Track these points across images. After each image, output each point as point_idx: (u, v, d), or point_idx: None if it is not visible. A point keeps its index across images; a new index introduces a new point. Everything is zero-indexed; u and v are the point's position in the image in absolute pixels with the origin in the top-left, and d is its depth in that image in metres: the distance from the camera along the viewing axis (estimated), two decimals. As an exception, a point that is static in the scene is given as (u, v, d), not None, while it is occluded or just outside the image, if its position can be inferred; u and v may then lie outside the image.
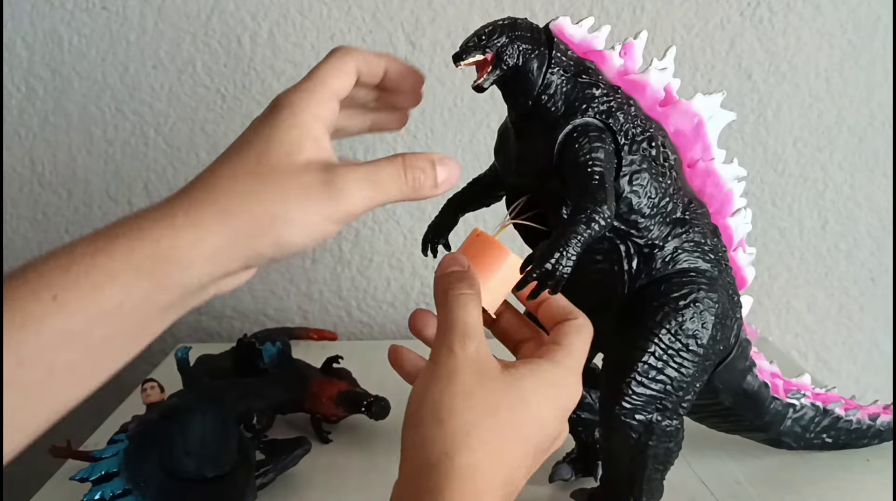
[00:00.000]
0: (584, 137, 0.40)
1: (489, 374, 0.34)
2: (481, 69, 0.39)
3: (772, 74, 0.82)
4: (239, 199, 0.34)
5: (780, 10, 0.80)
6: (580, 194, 0.39)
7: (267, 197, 0.34)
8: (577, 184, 0.39)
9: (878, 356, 0.92)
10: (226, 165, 0.35)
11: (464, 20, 0.81)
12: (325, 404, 0.61)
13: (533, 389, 0.35)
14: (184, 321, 0.99)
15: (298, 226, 0.34)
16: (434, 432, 0.34)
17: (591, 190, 0.39)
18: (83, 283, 0.31)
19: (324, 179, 0.34)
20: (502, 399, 0.34)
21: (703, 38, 0.81)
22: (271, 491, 0.54)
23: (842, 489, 0.55)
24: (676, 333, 0.43)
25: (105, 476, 0.50)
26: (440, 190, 0.37)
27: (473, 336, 0.35)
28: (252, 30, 0.82)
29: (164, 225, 0.33)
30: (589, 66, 0.42)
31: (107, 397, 0.80)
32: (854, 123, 0.84)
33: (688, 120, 0.43)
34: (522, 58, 0.40)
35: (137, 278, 0.32)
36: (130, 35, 0.82)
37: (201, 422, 0.52)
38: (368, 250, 0.89)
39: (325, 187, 0.34)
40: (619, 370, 0.43)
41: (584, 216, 0.38)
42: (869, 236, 0.88)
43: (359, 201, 0.35)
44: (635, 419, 0.43)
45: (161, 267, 0.32)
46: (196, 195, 0.34)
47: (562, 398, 0.35)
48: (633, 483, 0.45)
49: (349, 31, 0.82)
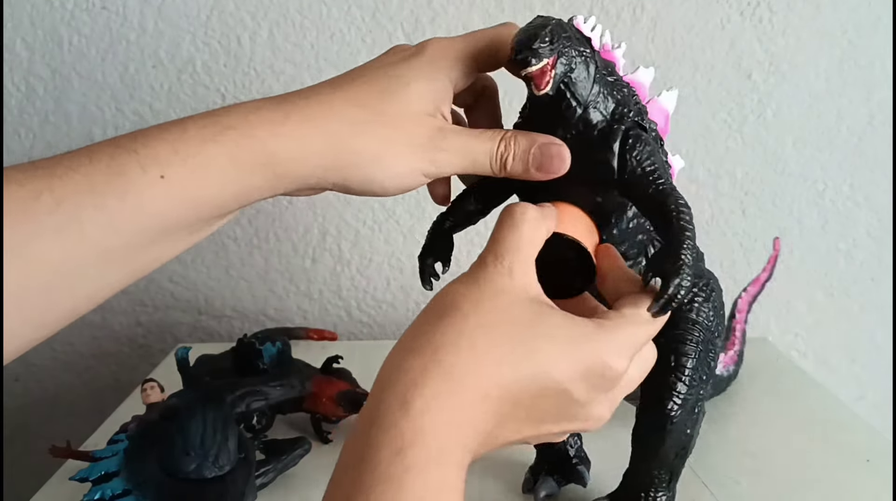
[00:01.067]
0: (639, 142, 0.38)
1: (512, 292, 0.32)
2: (542, 76, 0.35)
3: (772, 73, 0.82)
4: (349, 128, 0.34)
5: (780, 9, 0.80)
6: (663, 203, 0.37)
7: (375, 134, 0.35)
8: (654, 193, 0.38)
9: (878, 355, 0.92)
10: (345, 90, 0.36)
11: (464, 20, 0.81)
12: (325, 404, 0.61)
13: (555, 329, 0.31)
14: (183, 321, 1.00)
15: (390, 170, 0.35)
16: (431, 324, 0.31)
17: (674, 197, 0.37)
18: (190, 165, 0.32)
19: (430, 136, 0.36)
20: (514, 320, 0.31)
21: (702, 38, 0.81)
22: (271, 491, 0.54)
23: (842, 489, 0.55)
24: (707, 326, 0.44)
25: (105, 476, 0.50)
26: (534, 177, 0.37)
27: (511, 255, 0.33)
28: (252, 29, 0.82)
29: (272, 129, 0.33)
30: (609, 64, 0.41)
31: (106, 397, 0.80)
32: (854, 122, 0.84)
33: (662, 116, 0.44)
34: (577, 60, 0.37)
35: (238, 175, 0.33)
36: (130, 35, 0.82)
37: (201, 422, 0.52)
38: (368, 250, 0.89)
39: (429, 144, 0.36)
40: (664, 372, 0.43)
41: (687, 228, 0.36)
42: (869, 236, 0.88)
43: (451, 168, 0.37)
44: (684, 416, 0.44)
45: (261, 171, 0.33)
46: (308, 111, 0.34)
47: (588, 359, 0.31)
48: (671, 477, 0.46)
49: (349, 31, 0.82)
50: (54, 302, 0.32)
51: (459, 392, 0.29)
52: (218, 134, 0.33)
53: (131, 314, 0.91)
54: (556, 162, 0.37)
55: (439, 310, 0.32)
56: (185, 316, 0.92)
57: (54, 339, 0.32)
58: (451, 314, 0.31)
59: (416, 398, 0.28)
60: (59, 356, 0.92)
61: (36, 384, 0.94)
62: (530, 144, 0.37)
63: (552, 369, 0.31)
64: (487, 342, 0.30)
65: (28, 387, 0.94)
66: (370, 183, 0.35)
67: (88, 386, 0.93)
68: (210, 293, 0.91)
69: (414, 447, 0.27)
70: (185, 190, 0.32)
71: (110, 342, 0.92)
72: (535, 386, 0.31)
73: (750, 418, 0.66)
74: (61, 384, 0.93)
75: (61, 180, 0.31)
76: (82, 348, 0.92)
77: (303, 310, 0.91)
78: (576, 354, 0.31)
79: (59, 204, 0.30)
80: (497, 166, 0.37)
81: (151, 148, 0.32)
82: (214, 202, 0.33)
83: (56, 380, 0.93)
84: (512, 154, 0.37)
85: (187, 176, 0.32)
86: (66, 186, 0.30)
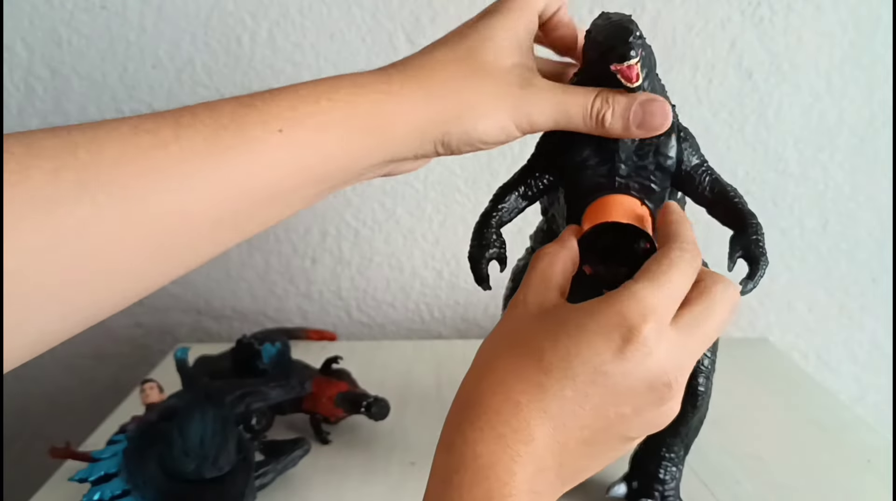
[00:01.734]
0: (688, 135, 0.41)
1: (530, 314, 0.33)
2: (633, 68, 0.37)
3: (772, 73, 0.82)
4: (443, 84, 0.36)
5: (781, 9, 0.80)
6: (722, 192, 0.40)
7: (468, 86, 0.36)
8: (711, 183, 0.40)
9: (879, 356, 0.92)
10: (438, 51, 0.38)
11: (464, 19, 0.81)
12: (324, 404, 0.61)
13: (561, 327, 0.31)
14: (183, 321, 1.00)
15: (488, 120, 0.36)
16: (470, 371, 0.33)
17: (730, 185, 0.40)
18: (308, 123, 0.32)
19: (521, 84, 0.37)
20: (531, 335, 0.32)
21: (703, 38, 0.81)
22: (271, 492, 0.54)
23: (842, 489, 0.55)
24: None
25: (104, 476, 0.50)
26: (633, 134, 0.38)
27: (532, 287, 0.34)
28: (251, 29, 0.82)
29: (380, 90, 0.35)
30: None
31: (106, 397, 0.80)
32: (855, 122, 0.84)
33: None
34: (650, 54, 0.39)
35: (350, 134, 0.34)
36: (130, 35, 0.82)
37: (200, 423, 0.52)
38: (368, 250, 0.89)
39: (521, 92, 0.37)
40: None
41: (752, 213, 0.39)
42: (870, 237, 0.87)
43: (543, 118, 0.37)
44: (709, 388, 0.46)
45: (371, 131, 0.34)
46: (409, 72, 0.36)
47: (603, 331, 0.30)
48: (686, 451, 0.49)
49: (349, 31, 0.81)
50: (167, 257, 0.31)
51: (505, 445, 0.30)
52: (331, 91, 0.33)
53: (131, 314, 0.91)
54: (658, 118, 0.37)
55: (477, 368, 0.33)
56: (185, 317, 0.92)
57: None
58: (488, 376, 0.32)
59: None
60: (58, 356, 0.92)
61: (35, 385, 0.93)
62: (631, 101, 0.38)
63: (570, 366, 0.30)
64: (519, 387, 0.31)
65: (27, 388, 0.93)
66: (470, 134, 0.36)
67: (88, 387, 0.93)
68: (209, 294, 0.91)
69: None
70: (303, 146, 0.32)
71: (110, 342, 0.92)
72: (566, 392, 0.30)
73: (750, 418, 0.66)
74: (60, 384, 0.93)
75: (187, 131, 0.30)
76: (82, 348, 0.92)
77: (302, 310, 0.91)
78: (588, 333, 0.30)
79: (186, 157, 0.29)
80: (592, 122, 0.38)
81: (270, 104, 0.32)
82: (329, 163, 0.34)
83: (55, 381, 0.93)
84: (611, 111, 0.37)
85: (305, 133, 0.32)
86: (192, 137, 0.30)
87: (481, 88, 0.36)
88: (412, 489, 0.55)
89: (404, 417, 0.65)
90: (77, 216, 0.27)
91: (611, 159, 0.39)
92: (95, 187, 0.27)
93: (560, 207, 0.42)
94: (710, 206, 0.41)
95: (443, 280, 0.89)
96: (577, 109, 0.37)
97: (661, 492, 0.49)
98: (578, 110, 0.37)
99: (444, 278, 0.89)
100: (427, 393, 0.71)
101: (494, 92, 0.36)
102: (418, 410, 0.67)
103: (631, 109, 0.37)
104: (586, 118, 0.37)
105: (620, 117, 0.37)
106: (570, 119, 0.38)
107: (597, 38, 0.38)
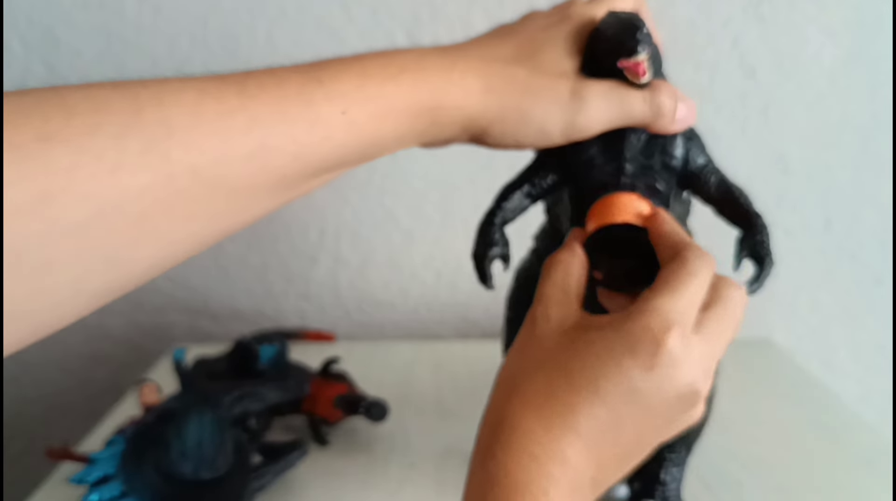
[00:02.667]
0: (694, 134, 0.41)
1: (553, 331, 0.33)
2: (640, 64, 0.37)
3: (775, 71, 0.82)
4: (500, 82, 0.36)
5: (784, 7, 0.80)
6: (728, 191, 0.40)
7: (521, 90, 0.36)
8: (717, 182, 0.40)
9: (883, 357, 0.91)
10: (503, 46, 0.38)
11: (463, 18, 0.81)
12: (323, 406, 0.61)
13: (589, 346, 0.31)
14: (180, 322, 1.00)
15: (536, 124, 0.36)
16: (497, 390, 0.33)
17: (735, 184, 0.40)
18: (369, 108, 0.33)
19: (572, 88, 0.37)
20: (557, 354, 0.32)
21: (705, 36, 0.81)
22: (269, 494, 0.53)
23: (843, 489, 0.55)
24: None
25: (102, 478, 0.50)
26: (676, 127, 0.38)
27: (553, 300, 0.34)
28: (250, 27, 0.81)
29: (442, 75, 0.35)
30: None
31: (103, 399, 0.80)
32: (859, 121, 0.83)
33: None
34: (656, 52, 0.40)
35: (408, 118, 0.34)
36: (128, 33, 0.82)
37: (198, 424, 0.52)
38: (367, 251, 0.88)
39: (572, 96, 0.37)
40: None
41: (758, 212, 0.40)
42: (873, 237, 0.87)
43: (598, 115, 0.37)
44: (717, 384, 0.47)
45: (427, 115, 0.35)
46: (472, 63, 0.36)
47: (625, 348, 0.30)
48: (688, 451, 0.50)
49: (348, 29, 0.81)
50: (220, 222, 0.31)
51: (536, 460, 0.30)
52: (397, 74, 0.34)
53: (128, 314, 0.91)
54: (693, 109, 0.39)
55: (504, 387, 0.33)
56: (182, 317, 0.91)
57: (50, 340, 0.31)
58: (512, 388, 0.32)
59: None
60: (55, 357, 0.92)
61: (33, 386, 0.93)
62: (673, 91, 0.38)
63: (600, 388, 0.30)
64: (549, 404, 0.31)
65: (24, 389, 0.93)
66: (512, 136, 0.37)
67: (85, 388, 0.93)
68: (207, 294, 0.90)
69: None
70: (365, 130, 0.33)
71: (107, 343, 0.91)
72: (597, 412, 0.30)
73: (752, 418, 0.65)
74: (57, 385, 0.93)
75: (253, 101, 0.30)
76: (79, 349, 0.92)
77: (301, 311, 0.91)
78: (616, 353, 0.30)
79: (252, 127, 0.30)
80: (650, 112, 0.38)
81: (336, 80, 0.32)
82: (383, 143, 0.34)
83: (52, 381, 0.93)
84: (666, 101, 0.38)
85: (368, 117, 0.33)
86: (258, 108, 0.30)
87: (532, 92, 0.36)
88: (411, 491, 0.55)
89: (403, 418, 0.64)
90: (141, 181, 0.27)
91: (617, 158, 0.39)
92: (160, 154, 0.27)
93: (564, 205, 0.42)
94: (716, 205, 0.41)
95: (442, 281, 0.89)
96: (634, 101, 0.38)
97: (662, 493, 0.49)
98: (636, 104, 0.38)
99: (444, 279, 0.89)
100: (426, 394, 0.70)
101: (545, 97, 0.36)
102: (417, 411, 0.67)
103: (678, 103, 0.38)
104: (644, 109, 0.38)
105: (670, 109, 0.38)
106: (629, 114, 0.38)
107: (605, 35, 0.38)
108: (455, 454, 0.59)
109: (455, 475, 0.56)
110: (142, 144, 0.27)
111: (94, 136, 0.26)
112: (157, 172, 0.27)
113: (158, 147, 0.27)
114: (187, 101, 0.29)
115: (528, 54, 0.37)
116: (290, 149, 0.31)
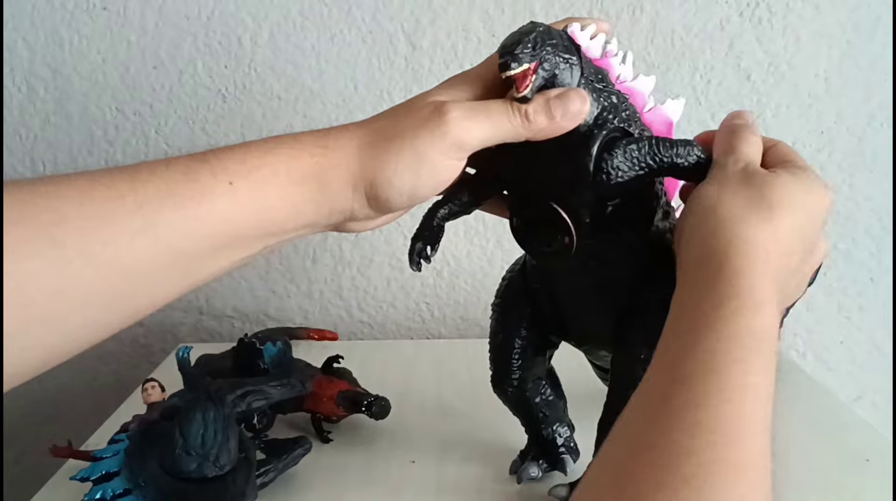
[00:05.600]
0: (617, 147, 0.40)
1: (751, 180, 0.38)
2: (523, 79, 0.37)
3: (771, 74, 0.82)
4: (374, 132, 0.38)
5: (780, 10, 0.81)
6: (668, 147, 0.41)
7: (395, 131, 0.37)
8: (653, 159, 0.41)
9: (878, 356, 0.92)
10: (389, 110, 0.40)
11: (464, 21, 0.81)
12: (325, 403, 0.61)
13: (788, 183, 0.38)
14: (184, 321, 1.00)
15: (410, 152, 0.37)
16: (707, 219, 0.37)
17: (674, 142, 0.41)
18: (253, 176, 0.35)
19: (434, 106, 0.37)
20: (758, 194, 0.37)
21: (702, 39, 0.81)
22: (272, 491, 0.54)
23: (842, 489, 0.55)
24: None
25: (105, 475, 0.50)
26: (560, 127, 0.39)
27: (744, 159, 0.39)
28: (253, 30, 0.82)
29: (318, 145, 0.37)
30: (600, 71, 0.41)
31: (107, 396, 0.80)
32: (853, 123, 0.84)
33: (664, 124, 0.44)
34: (560, 66, 0.39)
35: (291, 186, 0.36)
36: (131, 35, 0.82)
37: (202, 422, 0.52)
38: (369, 250, 0.89)
39: (433, 112, 0.37)
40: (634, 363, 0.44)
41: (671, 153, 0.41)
42: (868, 237, 0.88)
43: (466, 132, 0.37)
44: None
45: (309, 182, 0.36)
46: (350, 129, 0.38)
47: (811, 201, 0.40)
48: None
49: (349, 32, 0.82)
50: (118, 305, 0.33)
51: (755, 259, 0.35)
52: (275, 147, 0.36)
53: (132, 314, 0.91)
54: (577, 103, 0.38)
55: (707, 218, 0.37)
56: (186, 316, 0.92)
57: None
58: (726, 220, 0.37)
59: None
60: (60, 356, 0.92)
61: (37, 384, 0.93)
62: (545, 97, 0.38)
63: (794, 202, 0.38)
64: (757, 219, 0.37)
65: (29, 387, 0.93)
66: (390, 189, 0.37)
67: (89, 386, 0.93)
68: (211, 293, 0.91)
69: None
70: (251, 198, 0.34)
71: (111, 341, 0.91)
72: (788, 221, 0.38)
73: (749, 418, 0.66)
74: (62, 383, 0.93)
75: (144, 184, 0.32)
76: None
77: (303, 310, 0.92)
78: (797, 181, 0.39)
79: (141, 207, 0.31)
80: (518, 121, 0.38)
81: (221, 159, 0.34)
82: (275, 214, 0.36)
83: (57, 380, 0.93)
84: (532, 109, 0.38)
85: (252, 185, 0.34)
86: (148, 190, 0.32)
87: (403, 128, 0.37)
88: (413, 487, 0.55)
89: (405, 416, 0.65)
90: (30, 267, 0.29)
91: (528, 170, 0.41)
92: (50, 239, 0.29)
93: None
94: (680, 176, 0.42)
95: (443, 280, 0.90)
96: (498, 115, 0.38)
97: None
98: (501, 117, 0.38)
99: (445, 278, 0.89)
100: (427, 392, 0.71)
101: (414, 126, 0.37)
102: (419, 409, 0.67)
103: (549, 103, 0.38)
104: (511, 121, 0.38)
105: (543, 112, 0.38)
106: (497, 128, 0.38)
107: (499, 49, 0.38)
108: (455, 450, 0.60)
109: (455, 470, 0.57)
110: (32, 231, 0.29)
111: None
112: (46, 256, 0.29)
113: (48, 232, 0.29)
114: (78, 187, 0.31)
115: (404, 107, 0.39)
116: (178, 224, 0.32)
